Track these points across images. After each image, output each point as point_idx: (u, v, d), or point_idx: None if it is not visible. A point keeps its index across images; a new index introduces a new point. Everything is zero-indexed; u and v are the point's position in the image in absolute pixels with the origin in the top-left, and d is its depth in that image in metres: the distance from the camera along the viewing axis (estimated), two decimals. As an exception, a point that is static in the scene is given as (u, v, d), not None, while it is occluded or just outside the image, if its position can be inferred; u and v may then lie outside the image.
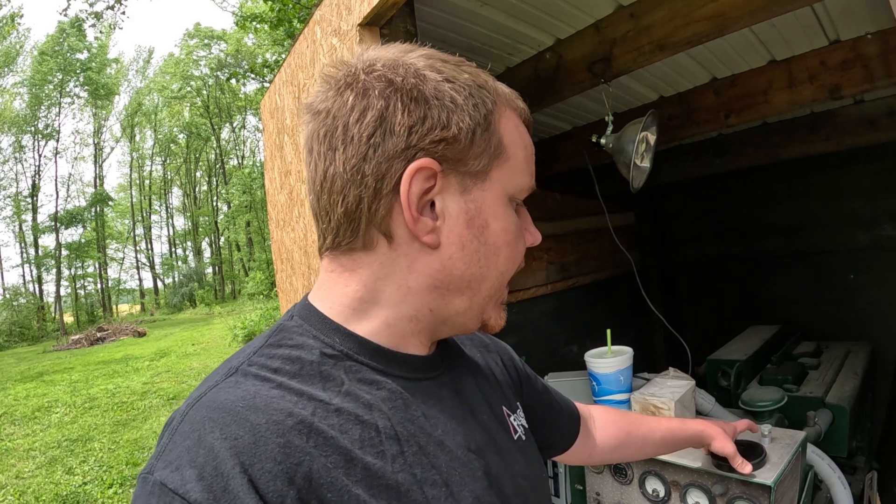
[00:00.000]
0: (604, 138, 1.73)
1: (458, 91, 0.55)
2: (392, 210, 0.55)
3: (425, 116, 0.53)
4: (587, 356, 1.54)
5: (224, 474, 0.43)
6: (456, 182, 0.56)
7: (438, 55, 0.58)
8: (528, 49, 1.90)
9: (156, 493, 0.43)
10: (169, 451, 0.46)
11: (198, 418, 0.47)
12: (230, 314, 16.43)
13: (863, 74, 1.85)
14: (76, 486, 4.57)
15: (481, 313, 0.62)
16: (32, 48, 24.71)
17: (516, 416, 0.73)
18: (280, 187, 2.18)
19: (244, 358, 0.54)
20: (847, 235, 3.00)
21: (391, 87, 0.53)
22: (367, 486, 0.49)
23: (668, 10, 1.52)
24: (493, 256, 0.59)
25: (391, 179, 0.53)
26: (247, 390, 0.50)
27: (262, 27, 9.17)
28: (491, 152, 0.56)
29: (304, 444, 0.47)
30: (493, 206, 0.58)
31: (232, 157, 33.86)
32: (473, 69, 0.58)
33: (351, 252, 0.58)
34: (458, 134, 0.54)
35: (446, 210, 0.56)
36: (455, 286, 0.58)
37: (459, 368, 0.69)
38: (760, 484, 1.15)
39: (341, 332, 0.57)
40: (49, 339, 17.85)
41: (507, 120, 0.59)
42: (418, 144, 0.53)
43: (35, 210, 25.61)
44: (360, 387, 0.55)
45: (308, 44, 1.72)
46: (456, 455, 0.57)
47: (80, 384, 8.64)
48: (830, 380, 2.05)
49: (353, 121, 0.53)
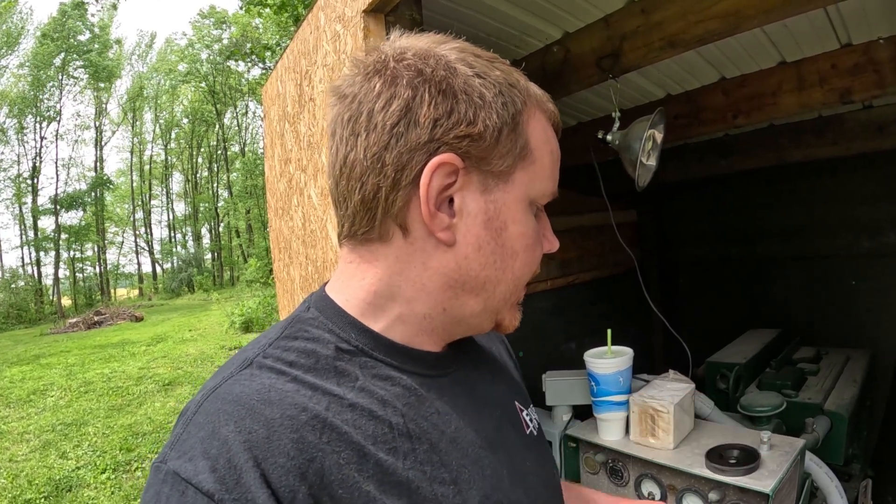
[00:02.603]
0: (610, 135, 1.71)
1: (487, 88, 0.53)
2: (409, 203, 0.54)
3: (452, 110, 0.52)
4: (587, 356, 1.52)
5: (237, 467, 0.44)
6: (477, 181, 0.54)
7: (472, 49, 0.56)
8: (535, 42, 1.87)
9: (168, 481, 0.44)
10: (183, 442, 0.46)
11: (213, 410, 0.47)
12: (228, 301, 16.40)
13: (874, 79, 1.82)
14: (69, 470, 4.57)
15: (496, 315, 0.61)
16: (35, 29, 24.57)
17: (529, 411, 0.73)
18: (280, 175, 2.15)
19: (259, 349, 0.54)
20: (850, 241, 2.98)
21: (420, 76, 0.52)
22: (378, 482, 0.49)
23: (680, 6, 1.49)
24: (509, 260, 0.57)
25: (411, 171, 0.52)
26: (262, 383, 0.50)
27: (266, 12, 9.10)
28: (516, 153, 0.55)
29: (317, 440, 0.47)
30: (514, 209, 0.56)
31: (233, 143, 33.77)
32: (507, 67, 0.57)
33: (368, 243, 0.57)
34: (483, 131, 0.52)
35: (465, 208, 0.55)
36: (470, 286, 0.57)
37: (475, 363, 0.69)
38: (759, 492, 1.14)
39: (357, 326, 0.57)
40: (46, 321, 17.82)
41: (536, 122, 0.57)
42: (442, 138, 0.52)
43: (35, 192, 25.53)
44: (374, 383, 0.54)
45: (311, 30, 1.69)
46: (467, 453, 0.57)
47: (76, 368, 8.63)
48: (829, 386, 2.04)
49: (379, 108, 0.52)
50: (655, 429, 1.36)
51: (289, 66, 1.97)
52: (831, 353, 2.44)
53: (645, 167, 1.68)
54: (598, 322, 3.21)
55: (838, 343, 2.58)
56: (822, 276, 3.08)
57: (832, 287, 3.03)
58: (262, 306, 11.56)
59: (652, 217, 3.79)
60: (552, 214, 0.64)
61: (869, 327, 2.85)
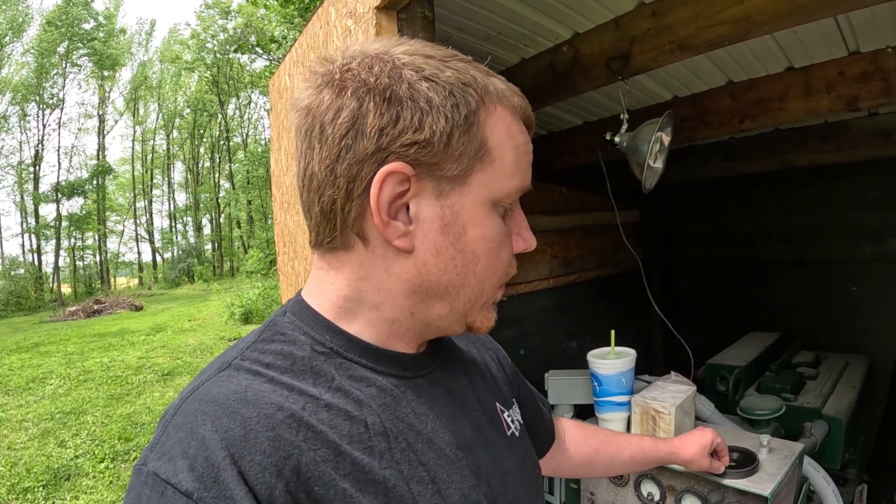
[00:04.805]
0: (618, 136, 1.71)
1: (436, 91, 0.52)
2: (364, 213, 0.54)
3: (398, 118, 0.51)
4: (590, 356, 1.53)
5: (214, 465, 0.44)
6: (431, 187, 0.54)
7: (425, 50, 0.55)
8: (544, 41, 1.87)
9: (149, 483, 0.45)
10: (162, 443, 0.47)
11: (191, 411, 0.48)
12: (228, 291, 16.42)
13: (881, 87, 1.83)
14: (68, 459, 4.58)
15: (464, 317, 0.61)
16: (40, 16, 24.48)
17: (510, 413, 0.73)
18: (286, 169, 2.16)
19: (237, 352, 0.55)
20: (851, 247, 2.99)
21: (364, 86, 0.52)
22: (354, 480, 0.49)
23: (692, 10, 1.49)
24: (470, 264, 0.57)
25: (362, 182, 0.52)
26: (239, 384, 0.50)
27: (272, 3, 9.06)
28: (471, 155, 0.54)
29: (293, 437, 0.48)
30: (473, 212, 0.55)
31: (236, 134, 33.72)
32: (462, 65, 0.55)
33: (334, 251, 0.58)
34: (431, 137, 0.51)
35: (420, 215, 0.54)
36: (433, 291, 0.57)
37: (452, 366, 0.68)
38: (757, 495, 1.15)
39: (332, 329, 0.58)
40: (46, 309, 17.84)
41: (497, 119, 0.56)
42: (389, 147, 0.51)
43: (37, 180, 25.51)
44: (350, 383, 0.55)
45: (321, 24, 1.69)
46: (444, 452, 0.57)
47: (75, 356, 8.65)
48: (828, 391, 2.05)
49: (328, 120, 0.52)
50: (656, 430, 1.38)
51: (297, 59, 1.97)
52: (830, 358, 2.45)
53: (652, 169, 1.69)
54: (600, 321, 3.23)
55: (837, 348, 2.59)
56: (823, 282, 3.09)
57: (833, 292, 3.05)
58: (262, 297, 11.57)
59: (654, 218, 3.80)
60: (553, 213, 0.64)
61: (868, 334, 2.86)
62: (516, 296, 2.71)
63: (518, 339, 2.70)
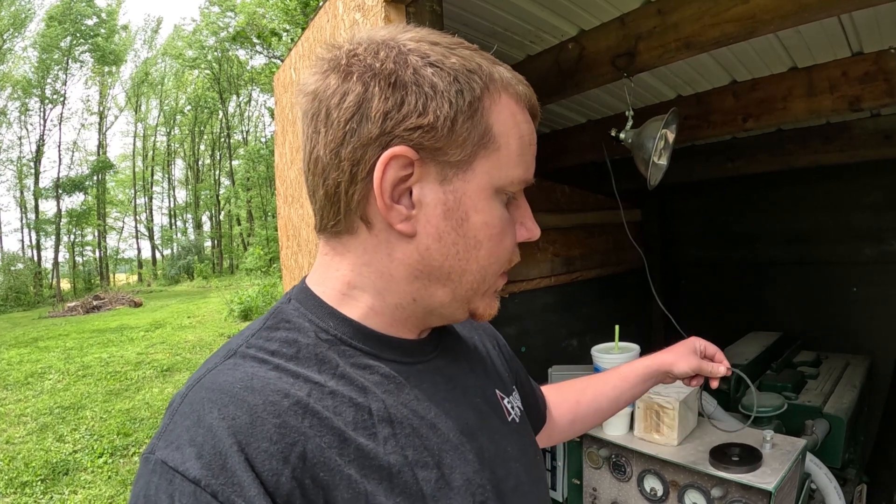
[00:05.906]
0: (623, 133, 1.72)
1: (440, 76, 0.52)
2: (368, 196, 0.54)
3: (402, 102, 0.51)
4: (594, 350, 1.54)
5: (222, 453, 0.45)
6: (435, 171, 0.54)
7: (430, 37, 0.55)
8: (550, 38, 1.88)
9: (157, 471, 0.45)
10: (170, 432, 0.47)
11: (197, 399, 0.49)
12: (227, 288, 16.38)
13: (884, 88, 1.83)
14: (66, 453, 4.58)
15: (467, 304, 0.61)
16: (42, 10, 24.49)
17: (511, 399, 0.74)
18: (290, 163, 2.16)
19: (242, 340, 0.56)
20: (852, 248, 2.99)
21: (370, 71, 0.52)
22: (359, 466, 0.50)
23: (697, 8, 1.50)
24: (472, 250, 0.57)
25: (366, 165, 0.53)
26: (245, 372, 0.51)
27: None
28: (475, 141, 0.54)
29: (299, 424, 0.48)
30: (476, 198, 0.56)
31: (237, 131, 33.70)
32: (468, 52, 0.55)
33: (338, 235, 0.58)
34: (435, 122, 0.52)
35: (423, 199, 0.55)
36: (435, 277, 0.58)
37: (453, 352, 0.69)
38: (761, 489, 1.16)
39: (336, 316, 0.58)
40: (45, 305, 17.81)
41: (502, 107, 0.56)
42: (393, 131, 0.52)
43: (37, 175, 25.46)
44: (354, 370, 0.55)
45: (329, 18, 1.70)
46: (448, 438, 0.58)
47: (74, 352, 8.64)
48: (829, 390, 2.06)
49: (334, 104, 0.53)
50: (660, 425, 1.38)
51: (303, 53, 1.97)
52: (831, 358, 2.46)
53: (657, 166, 1.69)
54: (601, 319, 3.24)
55: (838, 348, 2.60)
56: (824, 282, 3.10)
57: (833, 293, 3.06)
58: (262, 295, 11.56)
59: (656, 217, 3.81)
60: (555, 211, 0.64)
61: (868, 334, 2.87)
62: (518, 293, 2.72)
63: (519, 337, 2.71)
